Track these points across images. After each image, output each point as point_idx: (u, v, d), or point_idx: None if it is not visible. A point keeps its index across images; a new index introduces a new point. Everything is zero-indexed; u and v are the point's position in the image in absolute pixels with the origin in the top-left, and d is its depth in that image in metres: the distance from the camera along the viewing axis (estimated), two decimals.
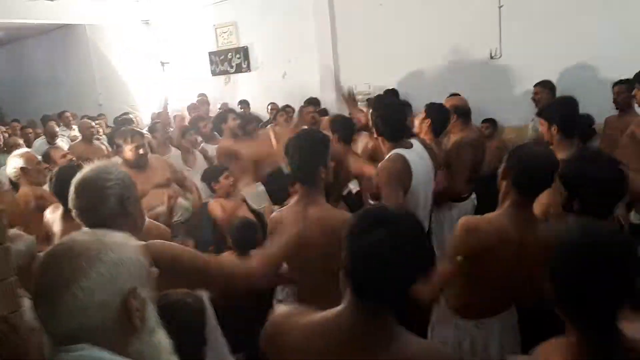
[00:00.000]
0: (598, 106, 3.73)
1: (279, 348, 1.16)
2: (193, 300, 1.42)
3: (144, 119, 7.54)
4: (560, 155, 2.29)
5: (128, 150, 3.08)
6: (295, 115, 5.12)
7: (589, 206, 1.64)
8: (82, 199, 1.50)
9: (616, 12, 3.98)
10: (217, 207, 3.25)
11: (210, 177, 3.42)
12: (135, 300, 0.92)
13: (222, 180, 3.33)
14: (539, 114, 2.64)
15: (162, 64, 7.77)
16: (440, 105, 3.27)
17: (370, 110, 2.76)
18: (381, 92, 5.31)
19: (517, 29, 4.54)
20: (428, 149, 2.67)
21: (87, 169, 1.55)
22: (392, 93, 5.20)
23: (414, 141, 2.57)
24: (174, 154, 4.24)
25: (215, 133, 4.57)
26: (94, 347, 0.88)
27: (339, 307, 1.11)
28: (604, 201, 1.66)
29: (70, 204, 1.51)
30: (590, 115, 3.72)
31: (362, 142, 3.84)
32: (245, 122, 4.12)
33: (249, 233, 2.67)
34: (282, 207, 2.40)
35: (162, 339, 0.99)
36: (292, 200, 2.12)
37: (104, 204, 1.48)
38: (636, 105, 3.40)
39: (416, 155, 2.46)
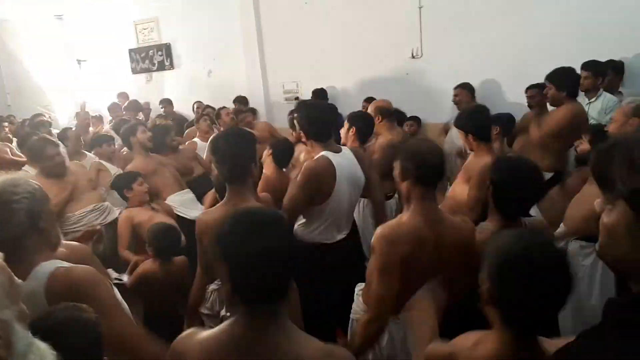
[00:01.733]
0: (516, 105, 3.95)
1: None
2: (84, 318, 1.22)
3: (59, 119, 7.13)
4: (483, 159, 2.47)
5: (46, 160, 3.01)
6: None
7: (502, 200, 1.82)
8: None
9: (534, 15, 4.22)
10: (124, 224, 2.93)
11: (122, 184, 3.07)
12: None
13: (136, 187, 3.00)
14: (455, 124, 2.79)
15: (79, 61, 7.36)
16: (363, 113, 3.35)
17: (295, 114, 2.73)
18: (309, 90, 5.36)
19: (437, 30, 4.71)
20: (359, 156, 2.70)
21: None
22: (320, 93, 5.25)
23: (344, 148, 2.59)
24: (89, 159, 3.84)
25: None
26: None
27: (230, 319, 1.14)
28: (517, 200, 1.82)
29: None
30: (511, 116, 3.90)
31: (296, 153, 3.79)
32: (163, 132, 3.80)
33: (169, 238, 2.55)
34: None
35: (37, 356, 0.87)
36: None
37: (11, 220, 1.37)
38: None
39: (343, 159, 2.47)
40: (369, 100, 4.95)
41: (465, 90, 4.28)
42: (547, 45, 4.08)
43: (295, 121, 2.60)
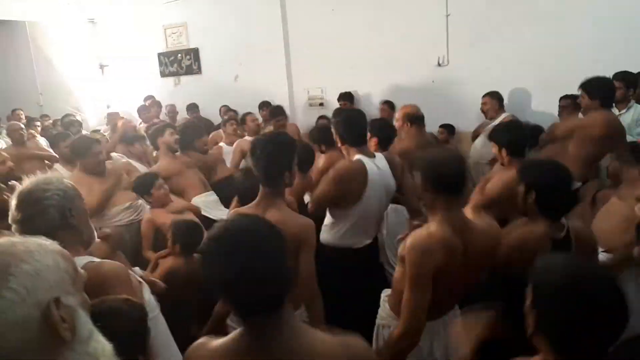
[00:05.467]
0: (542, 114, 3.91)
1: None
2: (131, 308, 1.33)
3: (88, 120, 7.31)
4: (512, 173, 2.45)
5: (91, 157, 3.08)
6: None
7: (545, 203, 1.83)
8: (20, 211, 1.44)
9: (558, 24, 4.19)
10: (147, 226, 3.01)
11: (141, 189, 3.10)
12: (60, 310, 0.83)
13: (155, 192, 3.02)
14: (489, 138, 2.77)
15: (102, 66, 7.53)
16: (383, 120, 3.36)
17: (332, 120, 2.75)
18: (333, 96, 5.40)
19: (463, 38, 4.70)
20: (392, 163, 2.72)
21: (27, 182, 1.50)
22: (347, 96, 5.28)
23: (378, 154, 2.63)
24: (115, 159, 3.86)
25: None
26: None
27: (239, 329, 1.14)
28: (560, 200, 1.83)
29: (10, 218, 1.46)
30: (539, 126, 3.82)
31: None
32: (193, 133, 3.80)
33: (196, 234, 2.60)
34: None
35: (100, 345, 0.90)
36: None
37: (42, 216, 1.43)
38: None
39: (375, 165, 2.50)
40: (387, 103, 4.99)
41: (493, 98, 4.26)
42: (577, 54, 4.04)
43: (332, 127, 2.65)
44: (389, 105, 4.97)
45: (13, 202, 1.47)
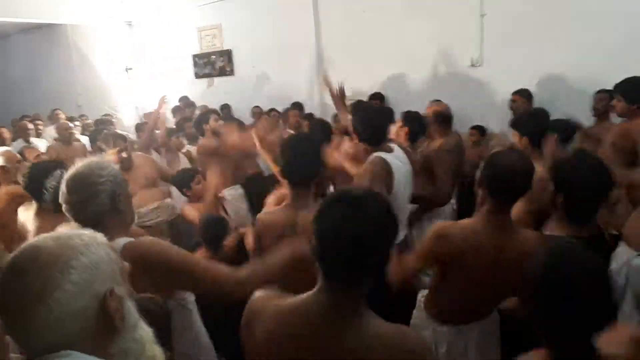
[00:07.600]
0: (573, 116, 3.80)
1: (253, 333, 1.16)
2: (155, 307, 1.33)
3: (124, 120, 7.50)
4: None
5: (111, 154, 3.21)
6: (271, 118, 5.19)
7: (572, 205, 1.73)
8: (74, 194, 1.49)
9: (594, 23, 4.08)
10: (192, 210, 3.09)
11: (180, 182, 3.23)
12: (113, 300, 0.89)
13: (194, 186, 3.16)
14: (511, 125, 2.70)
15: (127, 69, 7.71)
16: (417, 113, 3.35)
17: (350, 116, 2.74)
18: (364, 98, 5.38)
19: (498, 38, 4.62)
20: (407, 152, 2.71)
21: (80, 164, 1.56)
22: (378, 97, 5.26)
23: (393, 145, 2.60)
24: (155, 158, 4.13)
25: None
26: (79, 353, 0.84)
27: (310, 292, 1.12)
28: (587, 202, 1.74)
29: (61, 198, 1.52)
30: (570, 120, 3.68)
31: (344, 147, 3.85)
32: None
33: (217, 229, 2.64)
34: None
35: (144, 332, 0.97)
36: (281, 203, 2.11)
37: (94, 200, 1.49)
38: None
39: (396, 158, 2.49)
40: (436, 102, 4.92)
41: (523, 97, 4.20)
42: (614, 56, 3.92)
43: (351, 122, 2.64)
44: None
45: (64, 183, 1.52)
